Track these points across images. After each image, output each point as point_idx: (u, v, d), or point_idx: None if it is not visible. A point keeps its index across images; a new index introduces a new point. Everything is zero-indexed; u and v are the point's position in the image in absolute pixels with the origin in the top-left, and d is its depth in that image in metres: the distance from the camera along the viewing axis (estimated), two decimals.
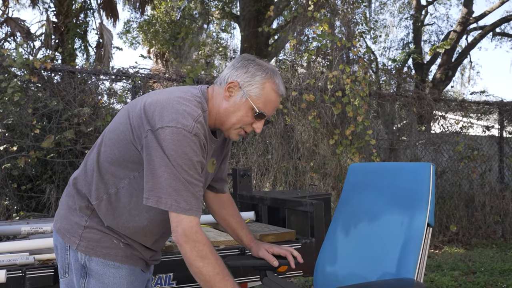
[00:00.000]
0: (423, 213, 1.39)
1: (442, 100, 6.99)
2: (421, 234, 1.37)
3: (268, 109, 1.52)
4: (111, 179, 1.48)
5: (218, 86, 1.54)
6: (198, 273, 1.38)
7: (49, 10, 10.02)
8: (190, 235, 1.37)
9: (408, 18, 15.89)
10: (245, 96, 1.49)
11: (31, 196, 5.21)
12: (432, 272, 5.01)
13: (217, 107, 1.52)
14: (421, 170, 1.45)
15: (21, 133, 5.00)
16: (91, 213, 1.51)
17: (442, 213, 6.86)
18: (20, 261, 1.86)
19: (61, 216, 1.56)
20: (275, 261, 1.67)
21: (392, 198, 1.49)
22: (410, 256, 1.36)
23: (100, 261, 1.47)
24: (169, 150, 1.36)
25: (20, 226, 2.40)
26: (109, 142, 1.50)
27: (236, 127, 1.52)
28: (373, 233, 1.52)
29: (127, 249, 1.51)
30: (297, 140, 5.96)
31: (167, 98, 1.45)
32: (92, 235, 1.49)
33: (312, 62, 6.47)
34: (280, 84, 1.52)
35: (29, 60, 4.73)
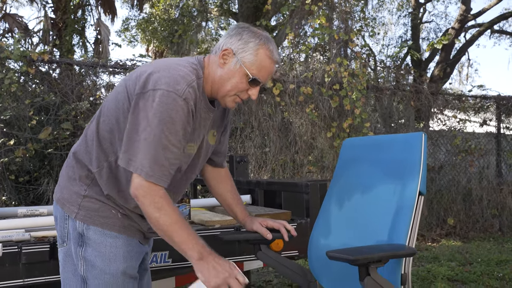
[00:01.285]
0: (415, 181, 1.40)
1: (440, 94, 7.00)
2: (412, 202, 1.38)
3: (262, 75, 1.53)
4: (110, 147, 1.50)
5: (214, 54, 1.56)
6: (156, 224, 1.40)
7: (47, 6, 10.03)
8: (148, 190, 1.38)
9: (407, 15, 15.90)
10: (239, 62, 1.50)
11: (29, 189, 5.21)
12: (429, 263, 5.03)
13: (213, 75, 1.53)
14: (412, 140, 1.46)
15: (19, 128, 5.00)
16: (90, 182, 1.52)
17: (439, 206, 6.87)
18: (16, 237, 1.87)
19: (61, 187, 1.58)
20: (269, 234, 1.67)
21: (385, 169, 1.50)
22: (401, 223, 1.37)
23: (98, 230, 1.49)
24: (155, 112, 1.37)
25: (16, 209, 2.41)
26: (107, 112, 1.52)
27: (231, 94, 1.53)
28: (366, 204, 1.54)
29: (124, 220, 1.52)
30: (294, 133, 5.97)
31: (164, 65, 1.48)
32: (91, 204, 1.50)
33: (310, 57, 6.48)
34: (274, 51, 1.53)
35: (27, 52, 4.73)
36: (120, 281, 1.50)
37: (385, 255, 1.21)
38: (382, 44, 18.14)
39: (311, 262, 1.72)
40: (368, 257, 1.18)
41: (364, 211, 1.53)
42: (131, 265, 1.53)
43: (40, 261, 1.81)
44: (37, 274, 1.83)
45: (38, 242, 1.86)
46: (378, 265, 1.19)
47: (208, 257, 1.38)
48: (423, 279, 4.27)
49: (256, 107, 5.77)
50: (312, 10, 5.94)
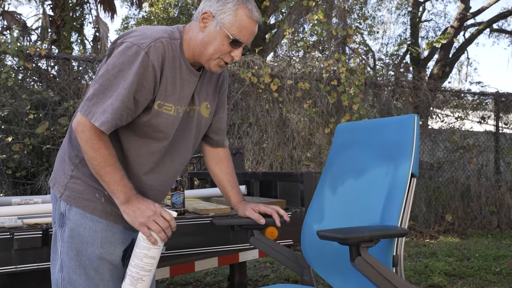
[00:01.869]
0: (407, 162, 1.39)
1: (438, 91, 7.00)
2: (405, 183, 1.37)
3: (243, 35, 1.51)
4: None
5: (195, 20, 1.56)
6: (90, 163, 1.43)
7: (46, 3, 10.01)
8: (87, 128, 1.40)
9: (406, 14, 15.90)
10: (219, 24, 1.49)
11: (26, 183, 5.20)
12: (427, 258, 5.02)
13: (194, 40, 1.53)
14: (405, 121, 1.45)
15: (17, 125, 4.99)
16: (79, 162, 1.52)
17: (438, 203, 6.87)
18: (9, 223, 1.86)
19: (55, 168, 1.60)
20: (262, 219, 1.66)
21: (378, 151, 1.50)
22: (394, 204, 1.36)
23: (79, 212, 1.49)
24: (115, 61, 1.41)
25: (10, 198, 2.40)
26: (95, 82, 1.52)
27: (215, 57, 1.52)
28: (359, 187, 1.53)
29: (107, 205, 1.50)
30: (292, 129, 5.96)
31: (145, 26, 1.53)
32: (76, 186, 1.50)
33: (308, 53, 6.48)
34: (253, 10, 1.51)
35: (23, 46, 4.73)
36: (95, 265, 1.48)
37: (376, 234, 1.20)
38: (381, 43, 18.15)
39: (304, 248, 1.71)
40: (359, 236, 1.17)
41: (357, 195, 1.52)
42: (109, 251, 1.50)
43: (33, 247, 1.80)
44: (30, 261, 1.81)
45: (31, 228, 1.85)
46: (369, 245, 1.18)
47: (133, 199, 1.42)
48: (420, 273, 4.27)
49: (254, 102, 5.76)
50: (310, 6, 5.95)
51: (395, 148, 1.45)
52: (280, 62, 6.46)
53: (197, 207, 2.23)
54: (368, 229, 1.26)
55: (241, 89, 5.69)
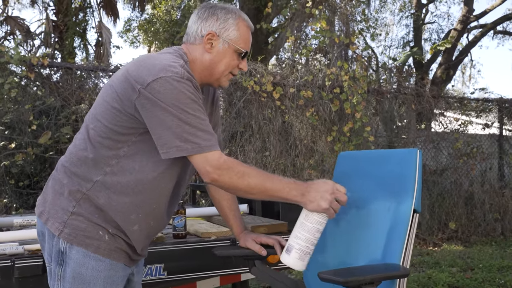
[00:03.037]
0: (410, 198, 1.38)
1: (441, 97, 6.97)
2: (407, 220, 1.36)
3: (248, 45, 1.57)
4: (108, 152, 1.45)
5: (192, 42, 1.55)
6: (250, 190, 1.41)
7: (49, 8, 10.05)
8: (222, 166, 1.38)
9: (409, 16, 15.86)
10: (226, 42, 1.52)
11: (29, 193, 5.21)
12: (430, 268, 5.00)
13: (201, 62, 1.53)
14: (408, 156, 1.44)
15: (20, 130, 5.01)
16: (81, 197, 1.45)
17: (441, 210, 6.84)
18: (10, 250, 1.85)
19: (45, 201, 1.51)
20: (263, 251, 1.66)
21: (380, 184, 1.48)
22: (396, 242, 1.35)
23: (81, 251, 1.43)
24: (168, 99, 1.35)
25: (12, 218, 2.40)
26: (97, 117, 1.47)
27: (226, 73, 1.56)
28: (361, 221, 1.52)
29: (111, 242, 1.46)
30: (295, 137, 5.95)
31: (148, 57, 1.46)
32: (78, 222, 1.44)
33: (311, 60, 6.46)
34: (247, 19, 1.57)
35: (26, 56, 4.73)
36: None
37: (377, 276, 1.19)
38: (384, 45, 18.11)
39: (307, 278, 1.70)
40: (360, 279, 1.16)
41: (359, 228, 1.51)
42: None
43: (34, 275, 1.80)
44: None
45: (32, 255, 1.85)
46: (370, 287, 1.17)
47: (307, 189, 1.41)
48: (423, 285, 4.25)
49: (256, 111, 5.75)
50: (312, 14, 5.93)
51: (397, 182, 1.44)
52: (283, 68, 6.44)
53: (199, 229, 2.22)
54: (370, 270, 1.25)
55: (243, 97, 5.68)
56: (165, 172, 1.48)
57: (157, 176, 1.47)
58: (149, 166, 1.45)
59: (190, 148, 1.36)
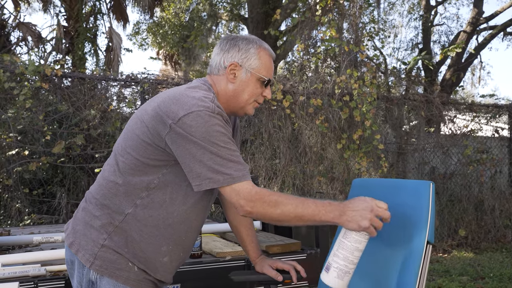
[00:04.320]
0: (423, 230, 1.42)
1: (451, 103, 6.97)
2: (420, 252, 1.40)
3: (270, 73, 1.62)
4: (139, 184, 1.48)
5: (216, 74, 1.60)
6: (284, 218, 1.42)
7: (60, 14, 10.15)
8: (254, 197, 1.40)
9: (418, 18, 15.80)
10: (248, 71, 1.57)
11: (42, 201, 5.30)
12: (440, 277, 5.01)
13: (225, 92, 1.58)
14: (421, 188, 1.48)
15: (32, 137, 5.09)
16: (112, 230, 1.48)
17: (451, 216, 6.84)
18: (33, 272, 1.91)
19: (75, 232, 1.54)
20: (280, 276, 1.70)
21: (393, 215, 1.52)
22: (409, 273, 1.39)
23: (111, 282, 1.46)
24: (199, 134, 1.39)
25: (32, 236, 2.46)
26: (127, 150, 1.50)
27: (250, 101, 1.60)
28: (374, 250, 1.55)
29: (140, 273, 1.49)
30: (304, 145, 5.98)
31: (178, 91, 1.49)
32: (108, 255, 1.47)
33: (320, 66, 6.49)
34: (269, 48, 1.62)
35: (40, 67, 4.81)
36: None
37: None
38: (392, 47, 18.07)
39: None
40: None
41: (372, 257, 1.55)
42: None
43: None
44: None
45: (54, 277, 1.90)
46: None
47: (344, 208, 1.40)
48: None
49: (266, 119, 5.80)
50: (321, 22, 5.96)
51: (410, 214, 1.47)
52: (292, 73, 6.47)
53: (213, 248, 2.27)
54: None
55: None
56: (194, 205, 1.52)
57: (187, 209, 1.51)
58: (179, 199, 1.49)
59: (222, 179, 1.39)
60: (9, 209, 5.15)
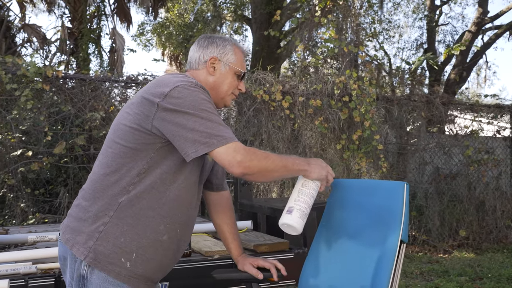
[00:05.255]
0: (397, 229, 1.45)
1: (452, 104, 6.96)
2: (394, 250, 1.43)
3: (244, 67, 1.78)
4: (129, 171, 1.52)
5: (196, 68, 1.74)
6: (275, 168, 1.54)
7: (64, 16, 10.25)
8: (249, 152, 1.49)
9: (422, 18, 15.76)
10: (227, 65, 1.72)
11: (45, 200, 5.38)
12: (439, 277, 5.02)
13: (205, 84, 1.68)
14: (396, 188, 1.51)
15: (36, 137, 5.17)
16: (108, 221, 1.51)
17: (452, 217, 6.83)
18: (23, 270, 1.96)
19: (71, 228, 1.57)
20: (260, 274, 1.74)
21: (370, 215, 1.55)
22: (384, 271, 1.42)
23: (102, 275, 1.49)
24: (187, 103, 1.48)
25: (27, 235, 2.51)
26: (115, 140, 1.56)
27: (229, 93, 1.75)
28: (351, 249, 1.59)
29: (132, 270, 1.52)
30: (304, 145, 6.01)
31: (162, 77, 1.61)
32: (102, 249, 1.50)
33: (321, 66, 6.51)
34: (242, 46, 1.80)
35: (42, 69, 4.87)
36: None
37: None
38: (397, 47, 18.02)
39: None
40: None
41: (349, 256, 1.59)
42: None
43: None
44: None
45: (44, 275, 1.95)
46: None
47: (309, 161, 1.66)
48: None
49: (266, 119, 5.83)
50: (321, 23, 5.98)
51: (385, 213, 1.51)
52: (295, 73, 6.50)
53: (203, 247, 2.31)
54: None
55: (253, 106, 5.76)
56: (184, 181, 1.59)
57: (177, 186, 1.57)
58: (170, 178, 1.56)
59: (216, 142, 1.46)
60: (13, 208, 5.23)
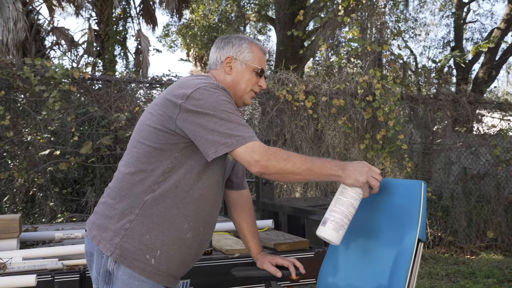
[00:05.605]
0: (414, 229, 1.45)
1: (478, 102, 6.83)
2: (411, 250, 1.43)
3: (263, 64, 1.78)
4: (154, 170, 1.56)
5: (214, 69, 1.77)
6: (297, 170, 1.49)
7: (91, 18, 10.47)
8: (267, 152, 1.49)
9: (450, 16, 15.47)
10: (243, 63, 1.74)
11: (72, 199, 5.52)
12: (465, 279, 4.94)
13: (224, 84, 1.72)
14: (413, 187, 1.50)
15: (64, 138, 5.31)
16: (134, 218, 1.55)
17: (479, 218, 6.70)
18: (50, 266, 2.03)
19: (97, 225, 1.61)
20: (279, 272, 1.75)
21: (387, 214, 1.55)
22: (401, 270, 1.42)
23: (127, 271, 1.53)
24: (208, 105, 1.51)
25: (54, 232, 2.59)
26: (139, 140, 1.61)
27: (247, 90, 1.76)
28: (369, 247, 1.59)
29: (156, 266, 1.56)
30: (327, 145, 5.99)
31: (182, 80, 1.64)
32: (128, 246, 1.54)
33: (344, 66, 6.48)
34: (260, 44, 1.81)
35: (69, 71, 5.01)
36: None
37: None
38: (423, 46, 17.73)
39: None
40: None
41: (368, 254, 1.59)
42: None
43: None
44: None
45: (70, 271, 2.01)
46: None
47: (345, 165, 1.53)
48: None
49: (289, 119, 5.84)
50: (344, 22, 5.95)
51: (403, 213, 1.50)
52: (318, 73, 6.49)
53: (224, 246, 2.34)
54: None
55: (276, 106, 5.78)
56: (208, 180, 1.62)
57: (201, 185, 1.60)
58: (193, 178, 1.59)
59: (235, 142, 1.48)
60: (43, 207, 5.39)
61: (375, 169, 1.50)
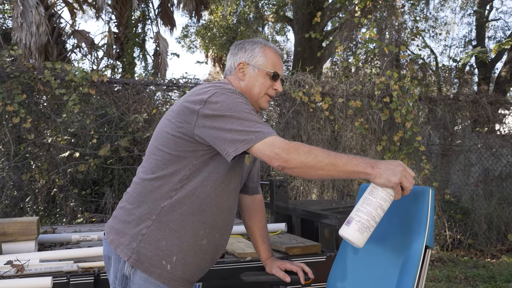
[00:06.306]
0: (422, 235, 1.44)
1: (499, 103, 6.71)
2: (419, 256, 1.43)
3: (277, 68, 1.77)
4: (172, 177, 1.58)
5: (229, 75, 1.80)
6: (319, 165, 1.40)
7: (111, 21, 10.62)
8: (288, 145, 1.43)
9: (471, 14, 15.20)
10: (255, 67, 1.75)
11: (92, 200, 5.63)
12: (484, 282, 4.86)
13: (239, 89, 1.72)
14: (421, 194, 1.50)
15: (83, 140, 5.41)
16: (151, 224, 1.57)
17: (500, 220, 6.58)
18: (66, 268, 2.08)
19: (115, 229, 1.64)
20: (287, 277, 1.77)
21: (395, 219, 1.55)
22: (408, 276, 1.42)
23: (144, 276, 1.55)
24: (225, 107, 1.52)
25: (71, 235, 2.65)
26: (158, 147, 1.63)
27: (262, 95, 1.76)
28: (377, 253, 1.59)
29: (172, 271, 1.58)
30: (344, 146, 5.97)
31: (198, 87, 1.65)
32: (145, 251, 1.56)
33: (361, 67, 6.44)
34: (274, 47, 1.80)
35: (88, 74, 5.10)
36: None
37: None
38: (444, 45, 17.48)
39: None
40: None
41: (375, 260, 1.59)
42: None
43: None
44: None
45: (85, 273, 2.06)
46: None
47: (377, 163, 1.41)
48: None
49: (305, 121, 5.83)
50: (361, 23, 5.92)
51: (410, 219, 1.50)
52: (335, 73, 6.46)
53: (236, 249, 2.36)
54: None
55: (292, 108, 5.78)
56: (225, 188, 1.63)
57: (218, 193, 1.62)
58: (210, 185, 1.60)
59: (254, 137, 1.45)
60: (63, 208, 5.51)
61: (410, 171, 1.38)
